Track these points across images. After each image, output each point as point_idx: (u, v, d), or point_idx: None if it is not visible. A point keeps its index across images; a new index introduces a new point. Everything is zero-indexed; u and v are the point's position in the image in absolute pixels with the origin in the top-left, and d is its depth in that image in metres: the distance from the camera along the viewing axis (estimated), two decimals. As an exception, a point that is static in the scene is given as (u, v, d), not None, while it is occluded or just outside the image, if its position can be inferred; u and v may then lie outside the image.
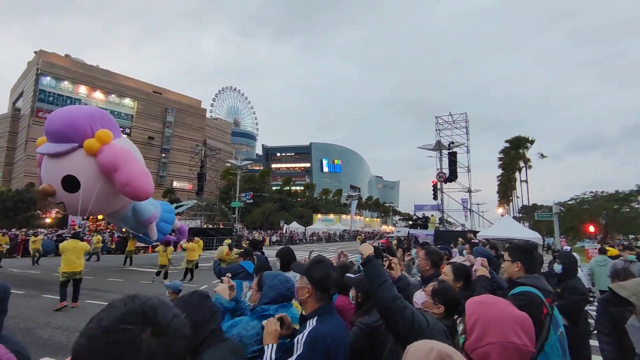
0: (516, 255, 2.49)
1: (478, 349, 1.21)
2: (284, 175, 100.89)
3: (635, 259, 6.08)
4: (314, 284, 1.81)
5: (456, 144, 30.77)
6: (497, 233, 17.27)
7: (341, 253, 3.82)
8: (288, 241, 40.88)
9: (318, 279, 1.81)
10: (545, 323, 2.22)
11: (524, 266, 2.46)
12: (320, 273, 1.84)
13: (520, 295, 2.27)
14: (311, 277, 1.83)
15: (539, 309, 2.24)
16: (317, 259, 1.95)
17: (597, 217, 35.19)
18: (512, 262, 2.48)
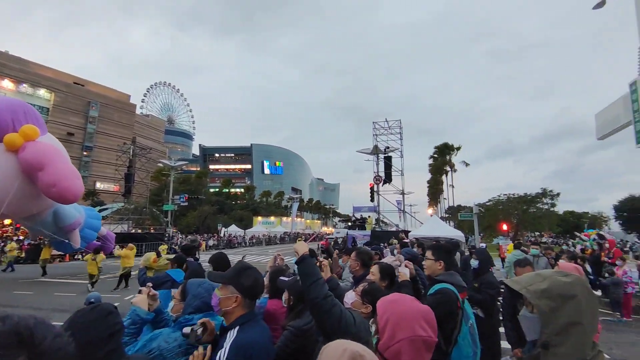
0: (440, 254, 2.67)
1: (390, 348, 1.27)
2: (223, 177, 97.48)
3: (539, 254, 6.83)
4: (244, 291, 1.74)
5: (391, 148, 32.50)
6: (427, 232, 18.55)
7: (277, 256, 3.77)
8: (226, 245, 39.54)
9: (249, 286, 1.75)
10: (458, 317, 2.42)
11: (445, 265, 2.64)
12: (251, 280, 1.78)
13: (438, 293, 2.45)
14: (241, 285, 1.75)
15: (454, 304, 2.45)
16: (244, 266, 1.87)
17: (509, 216, 39.74)
18: (435, 260, 2.65)
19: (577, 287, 1.06)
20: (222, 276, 1.88)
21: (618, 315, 7.76)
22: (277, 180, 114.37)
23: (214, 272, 2.02)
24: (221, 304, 1.77)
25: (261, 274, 1.89)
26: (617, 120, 9.38)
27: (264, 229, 53.84)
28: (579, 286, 1.07)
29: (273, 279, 2.82)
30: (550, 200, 46.19)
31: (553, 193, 45.92)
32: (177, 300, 2.17)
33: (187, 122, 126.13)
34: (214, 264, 3.49)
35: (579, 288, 1.06)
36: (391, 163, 31.44)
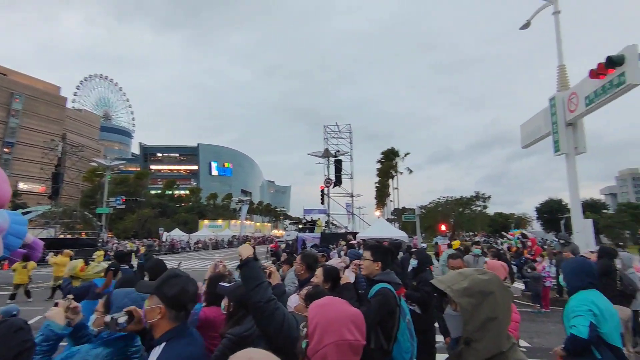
0: (378, 255, 2.70)
1: (318, 352, 1.26)
2: (166, 178, 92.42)
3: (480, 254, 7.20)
4: (168, 302, 1.59)
5: (342, 152, 33.19)
6: (373, 234, 19.18)
7: (218, 263, 3.61)
8: (168, 250, 37.43)
9: (173, 295, 1.59)
10: (396, 314, 2.51)
11: (382, 265, 2.69)
12: (176, 288, 1.62)
13: (378, 294, 2.51)
14: (164, 295, 1.59)
15: (394, 303, 2.53)
16: (171, 273, 1.72)
17: (447, 217, 42.66)
18: (374, 261, 2.68)
19: (494, 284, 1.14)
20: (149, 285, 1.71)
21: (538, 307, 8.62)
22: (225, 182, 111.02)
23: (143, 282, 1.84)
24: (146, 316, 1.61)
25: (193, 282, 1.72)
26: (538, 131, 10.47)
27: (210, 233, 51.94)
28: (495, 283, 1.14)
29: (212, 286, 2.69)
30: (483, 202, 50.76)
31: (485, 196, 50.51)
32: (99, 312, 1.94)
33: (126, 118, 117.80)
34: (150, 272, 3.23)
35: (495, 284, 1.14)
36: (341, 166, 32.10)
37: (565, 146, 9.12)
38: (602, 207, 70.59)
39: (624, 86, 7.10)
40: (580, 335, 2.50)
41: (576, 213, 9.13)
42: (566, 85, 9.52)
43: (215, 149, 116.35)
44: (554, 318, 7.77)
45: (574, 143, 9.15)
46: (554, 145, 9.44)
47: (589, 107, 8.20)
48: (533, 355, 5.31)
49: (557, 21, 10.07)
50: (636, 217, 57.73)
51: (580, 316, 2.55)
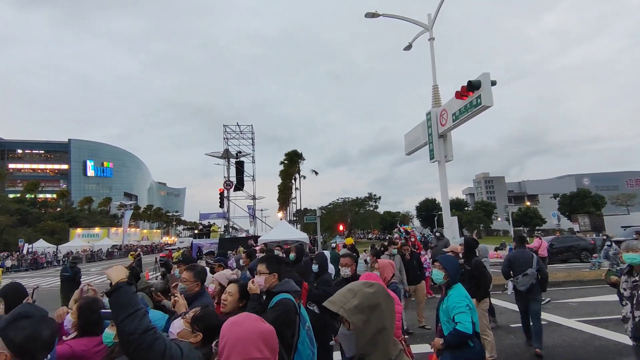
0: (273, 266, 2.62)
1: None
2: (28, 179, 76.77)
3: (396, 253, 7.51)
4: (14, 349, 1.29)
5: (243, 153, 32.39)
6: (275, 236, 19.20)
7: (86, 287, 3.10)
8: (30, 266, 31.13)
9: (20, 341, 1.31)
10: (296, 323, 2.53)
11: (279, 276, 2.64)
12: (24, 333, 1.33)
13: (276, 305, 2.49)
14: (9, 340, 1.30)
15: (294, 312, 2.54)
16: (21, 313, 1.39)
17: (345, 217, 45.65)
18: (270, 273, 2.59)
19: (380, 296, 1.18)
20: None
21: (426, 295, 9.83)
22: (104, 184, 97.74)
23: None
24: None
25: (48, 324, 1.40)
26: (418, 141, 11.99)
27: (84, 243, 45.11)
28: (381, 294, 1.18)
29: (83, 315, 2.30)
30: (374, 202, 56.00)
31: (376, 197, 55.78)
32: None
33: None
34: (7, 298, 2.62)
35: (381, 296, 1.18)
36: (243, 168, 31.31)
37: (438, 154, 10.63)
38: (464, 205, 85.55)
39: (480, 107, 8.63)
40: (467, 331, 2.89)
41: (446, 211, 10.72)
42: (439, 102, 11.13)
43: (91, 146, 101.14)
44: (429, 305, 8.90)
45: (444, 152, 10.73)
46: (430, 154, 10.92)
47: (455, 122, 9.73)
48: (413, 340, 6.02)
49: (432, 47, 11.70)
50: (488, 213, 71.35)
51: (463, 312, 2.93)
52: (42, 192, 72.52)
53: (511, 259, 5.78)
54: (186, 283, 2.94)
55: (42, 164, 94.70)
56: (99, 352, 2.26)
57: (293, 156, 55.44)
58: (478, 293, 4.90)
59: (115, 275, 1.57)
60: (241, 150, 32.70)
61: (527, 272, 5.43)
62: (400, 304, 3.53)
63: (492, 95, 8.54)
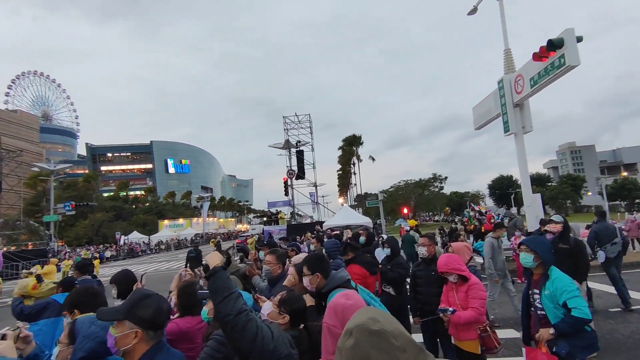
0: (313, 267, 2.39)
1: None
2: (119, 179, 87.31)
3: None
4: (145, 325, 1.51)
5: (303, 142, 33.08)
6: (339, 221, 19.44)
7: (183, 272, 3.41)
8: (127, 255, 35.60)
9: (149, 317, 1.52)
10: None
11: (322, 275, 2.38)
12: (151, 310, 1.54)
13: None
14: (140, 318, 1.51)
15: None
16: (141, 294, 1.63)
17: (408, 200, 44.34)
18: (312, 274, 2.35)
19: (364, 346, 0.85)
20: (116, 311, 1.60)
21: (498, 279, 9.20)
22: (184, 180, 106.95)
23: (105, 309, 1.69)
24: (118, 343, 1.50)
25: (163, 299, 1.64)
26: (489, 113, 11.04)
27: (171, 233, 50.13)
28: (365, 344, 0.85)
29: (183, 296, 2.55)
30: (440, 183, 53.36)
31: (441, 177, 53.04)
32: (63, 344, 1.74)
33: (69, 117, 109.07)
34: (118, 285, 2.94)
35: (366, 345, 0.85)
36: (303, 157, 32.04)
37: (514, 126, 9.69)
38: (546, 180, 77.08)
39: (564, 67, 7.63)
40: (586, 316, 2.55)
41: (526, 188, 9.79)
42: (512, 68, 10.07)
43: (169, 146, 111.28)
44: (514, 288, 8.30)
45: (521, 123, 9.75)
46: (504, 126, 10.00)
47: (534, 88, 8.75)
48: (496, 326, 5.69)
49: (501, 6, 10.56)
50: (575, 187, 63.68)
51: (576, 296, 2.60)
52: (132, 190, 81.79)
53: (597, 231, 6.38)
54: (270, 265, 3.11)
55: (130, 164, 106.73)
56: (201, 330, 2.51)
57: (351, 141, 55.09)
58: (577, 274, 4.43)
59: (212, 261, 1.69)
60: (300, 140, 33.43)
61: (615, 241, 6.18)
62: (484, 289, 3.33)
63: (578, 53, 7.52)
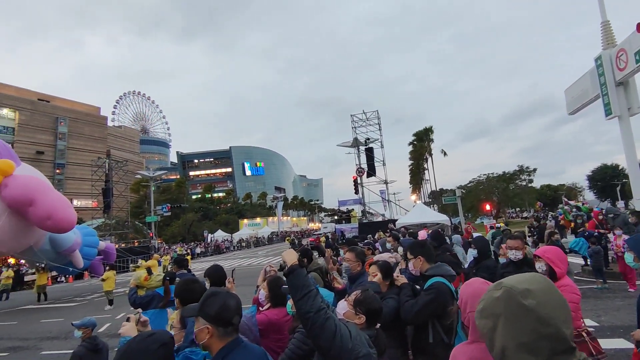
0: (415, 250, 2.74)
1: (466, 318, 1.64)
2: (204, 183, 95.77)
3: None
4: (213, 321, 1.59)
5: (371, 139, 32.75)
6: (413, 219, 18.81)
7: (268, 268, 3.68)
8: (214, 251, 39.02)
9: (214, 314, 1.60)
10: (454, 307, 2.47)
11: (425, 258, 2.70)
12: (215, 306, 1.62)
13: (429, 288, 2.49)
14: (207, 315, 1.60)
15: (449, 296, 2.50)
16: (209, 292, 1.72)
17: (490, 195, 40.86)
18: (415, 257, 2.70)
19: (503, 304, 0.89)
20: (192, 308, 1.73)
21: (601, 282, 8.10)
22: (259, 181, 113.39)
23: (186, 308, 1.85)
24: (197, 337, 1.63)
25: (233, 296, 1.71)
26: (585, 95, 9.72)
27: (250, 231, 53.42)
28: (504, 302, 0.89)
29: (273, 288, 2.77)
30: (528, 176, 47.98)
31: (529, 169, 47.68)
32: (176, 329, 2.05)
33: (162, 130, 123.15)
34: (211, 278, 3.33)
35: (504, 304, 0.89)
36: (372, 154, 31.71)
37: (617, 108, 8.40)
38: (662, 168, 64.46)
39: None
40: None
41: (635, 178, 8.42)
42: (612, 42, 8.73)
43: (246, 150, 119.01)
44: (620, 293, 7.26)
45: (626, 104, 8.41)
46: (605, 109, 8.73)
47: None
48: (603, 334, 5.01)
49: (596, -27, 9.22)
50: None
51: None
52: (215, 192, 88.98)
53: None
54: (349, 262, 3.21)
55: (213, 169, 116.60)
56: (288, 322, 2.70)
57: (422, 135, 52.78)
58: None
59: (289, 259, 1.74)
60: (369, 137, 33.12)
61: None
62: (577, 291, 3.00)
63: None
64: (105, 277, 12.13)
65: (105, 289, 12.01)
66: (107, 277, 12.10)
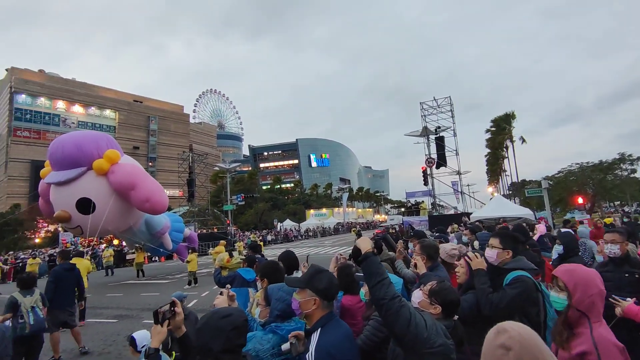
0: (507, 243, 2.58)
1: (585, 302, 1.69)
2: (273, 174, 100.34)
3: None
4: (321, 294, 1.79)
5: (443, 128, 31.04)
6: (490, 213, 17.53)
7: (339, 256, 3.75)
8: (283, 239, 40.83)
9: (323, 288, 1.81)
10: (539, 300, 2.33)
11: (514, 253, 2.57)
12: (324, 282, 1.84)
13: (514, 282, 2.34)
14: (316, 288, 1.81)
15: (534, 290, 2.36)
16: (317, 269, 1.93)
17: (584, 187, 35.99)
18: (504, 249, 2.55)
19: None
20: (299, 281, 1.95)
21: None
22: (324, 172, 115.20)
23: (291, 278, 2.08)
24: (302, 307, 1.83)
25: (333, 275, 1.95)
26: None
27: (317, 221, 54.62)
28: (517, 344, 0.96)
29: (343, 276, 2.83)
30: (630, 165, 40.95)
31: (632, 157, 40.62)
32: (262, 305, 2.29)
33: (236, 125, 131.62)
34: (285, 261, 3.58)
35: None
36: (444, 143, 30.06)
37: None
38: None
39: None
40: None
41: None
42: None
43: (311, 142, 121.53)
44: None
45: None
46: None
47: None
48: None
49: None
50: None
51: None
52: (284, 183, 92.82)
53: None
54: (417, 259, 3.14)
55: (281, 161, 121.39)
56: (360, 308, 2.74)
57: (501, 121, 48.39)
58: None
59: (364, 246, 1.81)
60: (440, 125, 31.41)
61: None
62: None
63: None
64: (189, 259, 13.47)
65: (189, 270, 13.38)
66: (191, 259, 13.39)
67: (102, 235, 17.66)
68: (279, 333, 2.04)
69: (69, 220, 10.82)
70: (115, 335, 7.25)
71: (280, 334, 2.04)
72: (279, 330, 2.06)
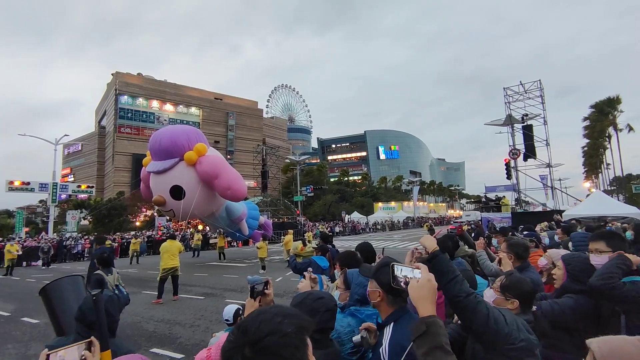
0: (615, 244, 2.42)
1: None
2: (341, 166, 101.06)
3: None
4: (384, 287, 1.72)
5: (530, 115, 28.03)
6: (588, 211, 15.49)
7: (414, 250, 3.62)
8: (351, 231, 41.05)
9: (387, 282, 1.71)
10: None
11: None
12: (388, 276, 1.71)
13: None
14: (380, 281, 1.74)
15: None
16: (384, 262, 1.85)
17: None
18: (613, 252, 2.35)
19: None
20: (368, 270, 1.96)
21: None
22: (393, 165, 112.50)
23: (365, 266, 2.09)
24: (370, 296, 1.83)
25: None
26: None
27: (385, 215, 53.85)
28: None
29: None
30: None
31: None
32: (341, 289, 2.36)
33: (305, 118, 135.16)
34: (362, 252, 3.64)
35: None
36: (532, 132, 27.13)
37: None
38: None
39: None
40: None
41: None
42: None
43: (380, 134, 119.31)
44: None
45: None
46: None
47: None
48: None
49: None
50: None
51: None
52: (351, 176, 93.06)
53: None
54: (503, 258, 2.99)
55: (348, 153, 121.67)
56: (440, 304, 2.66)
57: (603, 106, 41.93)
58: None
59: (429, 245, 1.75)
60: (527, 113, 28.37)
61: None
62: None
63: None
64: (259, 245, 14.34)
65: (259, 256, 14.22)
66: (261, 246, 14.25)
67: (190, 219, 19.69)
68: (359, 317, 2.09)
69: (164, 204, 12.35)
70: (202, 311, 8.06)
71: (359, 317, 2.08)
72: (359, 314, 2.11)
